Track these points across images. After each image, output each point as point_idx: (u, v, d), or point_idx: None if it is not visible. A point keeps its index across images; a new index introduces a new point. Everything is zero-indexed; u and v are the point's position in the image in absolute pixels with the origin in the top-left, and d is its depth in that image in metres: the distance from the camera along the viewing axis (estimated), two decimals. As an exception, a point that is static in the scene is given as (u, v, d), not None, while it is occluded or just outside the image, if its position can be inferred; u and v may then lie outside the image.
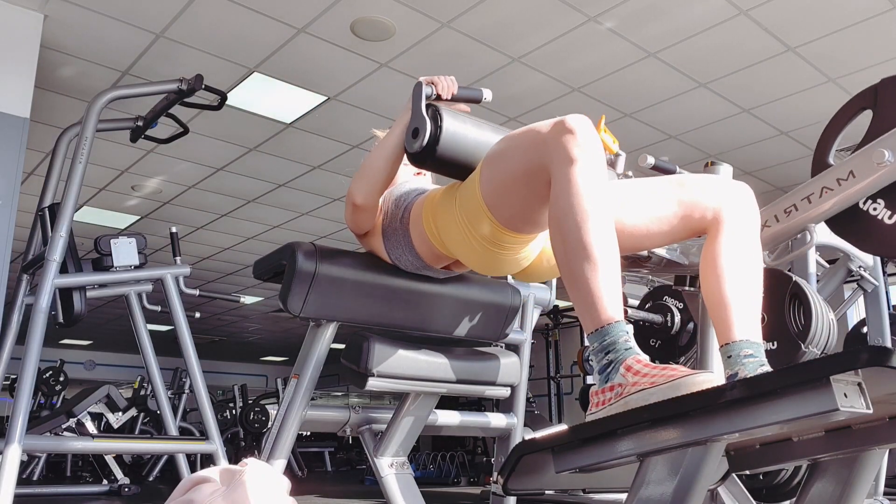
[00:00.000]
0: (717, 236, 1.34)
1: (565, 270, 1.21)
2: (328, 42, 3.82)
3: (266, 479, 0.95)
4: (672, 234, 1.41)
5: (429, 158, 1.45)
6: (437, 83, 1.53)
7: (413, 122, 1.47)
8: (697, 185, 1.39)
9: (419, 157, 1.46)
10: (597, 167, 1.21)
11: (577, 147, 1.20)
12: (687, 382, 1.03)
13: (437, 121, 1.44)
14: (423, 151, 1.44)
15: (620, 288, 1.19)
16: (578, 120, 1.22)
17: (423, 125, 1.44)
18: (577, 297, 1.19)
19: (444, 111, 1.46)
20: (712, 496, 1.52)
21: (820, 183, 2.03)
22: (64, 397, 8.00)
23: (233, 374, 13.95)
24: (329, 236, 7.15)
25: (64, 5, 3.46)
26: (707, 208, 1.36)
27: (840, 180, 1.96)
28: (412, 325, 1.74)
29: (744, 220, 1.35)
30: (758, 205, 1.40)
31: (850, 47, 3.82)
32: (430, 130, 1.43)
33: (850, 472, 1.25)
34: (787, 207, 2.07)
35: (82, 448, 3.87)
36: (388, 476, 1.71)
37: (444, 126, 1.44)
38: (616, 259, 1.19)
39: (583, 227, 1.17)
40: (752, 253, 1.34)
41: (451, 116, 1.46)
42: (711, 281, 1.31)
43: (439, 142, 1.43)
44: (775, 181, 5.66)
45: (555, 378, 8.42)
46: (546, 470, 1.21)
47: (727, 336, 1.25)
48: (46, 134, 4.37)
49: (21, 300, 3.28)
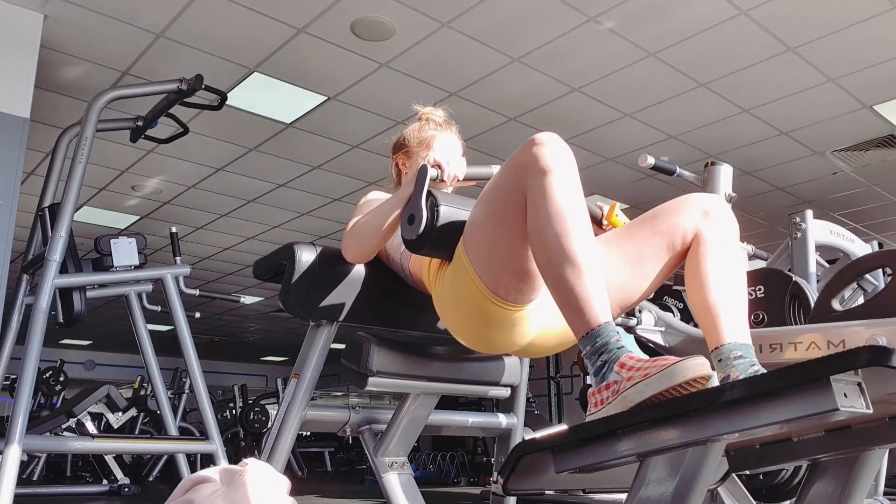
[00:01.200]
0: (697, 248, 1.37)
1: (550, 278, 1.23)
2: (328, 42, 3.82)
3: (266, 479, 0.95)
4: (667, 267, 1.43)
5: (423, 247, 1.45)
6: (443, 169, 1.52)
7: (410, 208, 1.45)
8: (670, 210, 1.42)
9: (414, 245, 1.45)
10: (570, 175, 1.24)
11: (548, 158, 1.23)
12: (679, 368, 1.04)
13: (434, 212, 1.42)
14: (418, 240, 1.43)
15: (606, 290, 1.21)
16: (548, 135, 1.26)
17: (419, 214, 1.42)
18: (565, 303, 1.20)
19: (442, 200, 1.44)
20: (712, 496, 1.52)
21: (811, 338, 2.00)
22: (64, 397, 8.00)
23: (233, 374, 13.95)
24: (329, 236, 7.15)
25: (64, 5, 3.46)
26: (686, 229, 1.39)
27: (830, 344, 1.94)
28: (412, 326, 1.74)
29: (720, 229, 1.38)
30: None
31: (850, 47, 3.82)
32: (426, 221, 1.42)
33: (850, 472, 1.25)
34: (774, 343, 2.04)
35: (82, 448, 3.87)
36: (388, 476, 1.71)
37: (441, 218, 1.42)
38: (598, 262, 1.22)
39: (563, 234, 1.20)
40: (733, 259, 1.36)
41: (449, 205, 1.44)
42: (696, 289, 1.34)
43: (434, 232, 1.42)
44: (775, 181, 5.66)
45: (555, 378, 8.42)
46: (546, 470, 1.21)
47: (716, 340, 1.26)
48: (46, 134, 4.37)
49: (21, 300, 3.28)
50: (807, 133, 4.84)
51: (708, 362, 1.06)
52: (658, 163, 2.26)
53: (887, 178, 5.61)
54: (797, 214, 2.95)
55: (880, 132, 4.82)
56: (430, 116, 1.85)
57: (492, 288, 1.35)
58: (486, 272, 1.35)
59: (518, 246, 1.31)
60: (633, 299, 1.46)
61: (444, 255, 1.47)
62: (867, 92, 4.30)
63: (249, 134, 4.96)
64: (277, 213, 6.58)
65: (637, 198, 5.93)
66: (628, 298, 1.45)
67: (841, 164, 5.36)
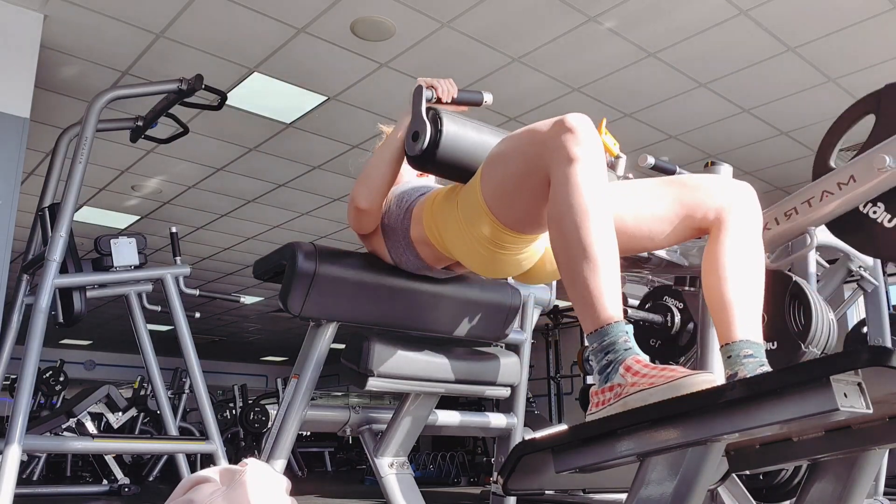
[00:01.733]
0: (719, 236, 1.34)
1: (565, 270, 1.21)
2: (328, 42, 3.82)
3: (266, 479, 0.95)
4: (674, 235, 1.41)
5: (429, 162, 1.45)
6: (436, 86, 1.53)
7: (413, 125, 1.47)
8: (699, 185, 1.38)
9: (419, 160, 1.46)
10: (597, 166, 1.20)
11: (576, 146, 1.19)
12: (686, 383, 1.03)
13: (437, 124, 1.43)
14: (423, 155, 1.43)
15: (620, 288, 1.19)
16: (578, 119, 1.22)
17: (423, 128, 1.44)
18: (577, 296, 1.18)
19: (444, 114, 1.45)
20: (712, 496, 1.52)
21: (821, 186, 2.04)
22: (64, 397, 8.01)
23: (233, 374, 13.95)
24: (329, 236, 7.15)
25: (64, 5, 3.46)
26: (709, 209, 1.35)
27: (841, 184, 1.97)
28: (412, 325, 1.74)
29: (746, 220, 1.34)
30: (761, 205, 1.40)
31: (850, 47, 3.82)
32: (430, 134, 1.42)
33: (850, 472, 1.24)
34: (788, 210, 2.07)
35: (82, 448, 3.87)
36: (388, 476, 1.71)
37: (445, 129, 1.43)
38: (616, 259, 1.19)
39: (582, 227, 1.17)
40: (755, 253, 1.33)
41: (451, 119, 1.45)
42: (713, 281, 1.30)
43: (439, 145, 1.43)
44: (775, 181, 5.66)
45: (555, 378, 8.42)
46: (546, 470, 1.21)
47: (728, 336, 1.24)
48: (46, 134, 4.37)
49: (21, 300, 3.28)
50: (807, 133, 4.83)
51: (716, 378, 1.05)
52: (658, 163, 2.25)
53: (887, 178, 5.60)
54: (797, 214, 2.94)
55: (880, 132, 4.82)
56: None
57: (505, 223, 1.36)
58: (501, 213, 1.35)
59: (536, 203, 1.30)
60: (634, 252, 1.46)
61: (449, 170, 1.47)
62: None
63: (249, 134, 4.96)
64: (277, 213, 6.58)
65: (637, 198, 5.92)
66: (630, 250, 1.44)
67: (841, 165, 5.35)
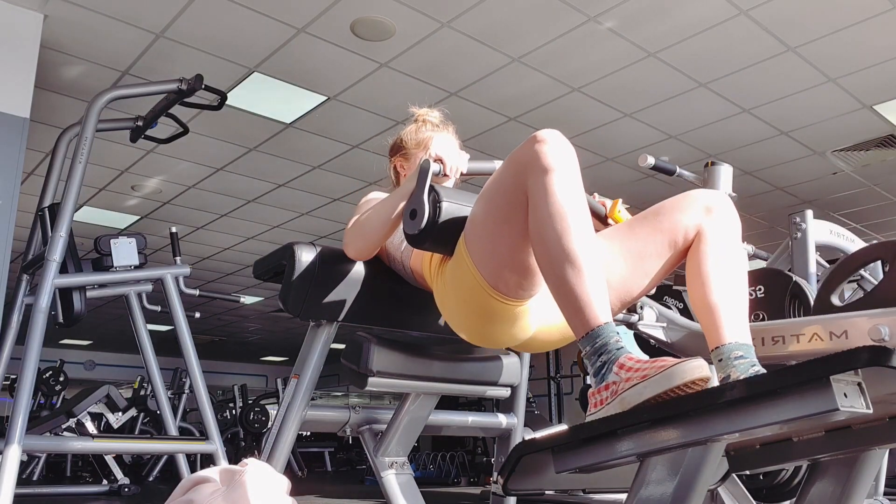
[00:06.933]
0: (699, 246, 1.36)
1: (550, 278, 1.23)
2: (328, 42, 3.82)
3: (266, 479, 0.95)
4: (668, 265, 1.43)
5: (425, 242, 1.44)
6: (445, 162, 1.52)
7: (412, 202, 1.44)
8: (673, 207, 1.41)
9: (416, 240, 1.45)
10: (572, 175, 1.23)
11: (550, 156, 1.22)
12: (678, 370, 1.03)
13: (436, 207, 1.41)
14: (420, 235, 1.42)
15: (606, 290, 1.20)
16: (550, 132, 1.26)
17: (421, 209, 1.41)
18: (565, 303, 1.20)
19: (445, 195, 1.43)
20: (712, 496, 1.52)
21: (813, 329, 1.99)
22: (64, 397, 8.00)
23: (233, 374, 13.95)
24: (329, 236, 7.15)
25: (64, 5, 3.46)
26: (689, 227, 1.38)
27: (833, 335, 1.93)
28: (412, 325, 1.74)
29: (723, 227, 1.37)
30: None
31: (850, 47, 3.82)
32: (428, 216, 1.41)
33: (850, 472, 1.25)
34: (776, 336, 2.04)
35: (82, 448, 3.87)
36: (388, 476, 1.71)
37: (443, 212, 1.41)
38: (599, 262, 1.21)
39: (564, 234, 1.19)
40: (735, 257, 1.35)
41: (452, 200, 1.44)
42: (697, 288, 1.33)
43: (436, 227, 1.41)
44: (775, 181, 5.66)
45: (555, 378, 8.41)
46: (546, 470, 1.21)
47: (716, 340, 1.26)
48: (46, 134, 4.37)
49: (21, 300, 3.28)
50: (807, 133, 4.84)
51: (706, 364, 1.06)
52: (658, 163, 2.26)
53: (887, 178, 5.61)
54: (797, 214, 2.94)
55: (880, 132, 4.82)
56: (426, 118, 1.84)
57: (492, 283, 1.34)
58: (486, 268, 1.34)
59: (519, 243, 1.30)
60: (634, 295, 1.46)
61: (446, 249, 1.47)
62: (867, 92, 4.30)
63: (249, 134, 4.96)
64: (277, 213, 6.58)
65: (637, 198, 5.91)
66: (628, 294, 1.45)
67: (841, 164, 5.36)
